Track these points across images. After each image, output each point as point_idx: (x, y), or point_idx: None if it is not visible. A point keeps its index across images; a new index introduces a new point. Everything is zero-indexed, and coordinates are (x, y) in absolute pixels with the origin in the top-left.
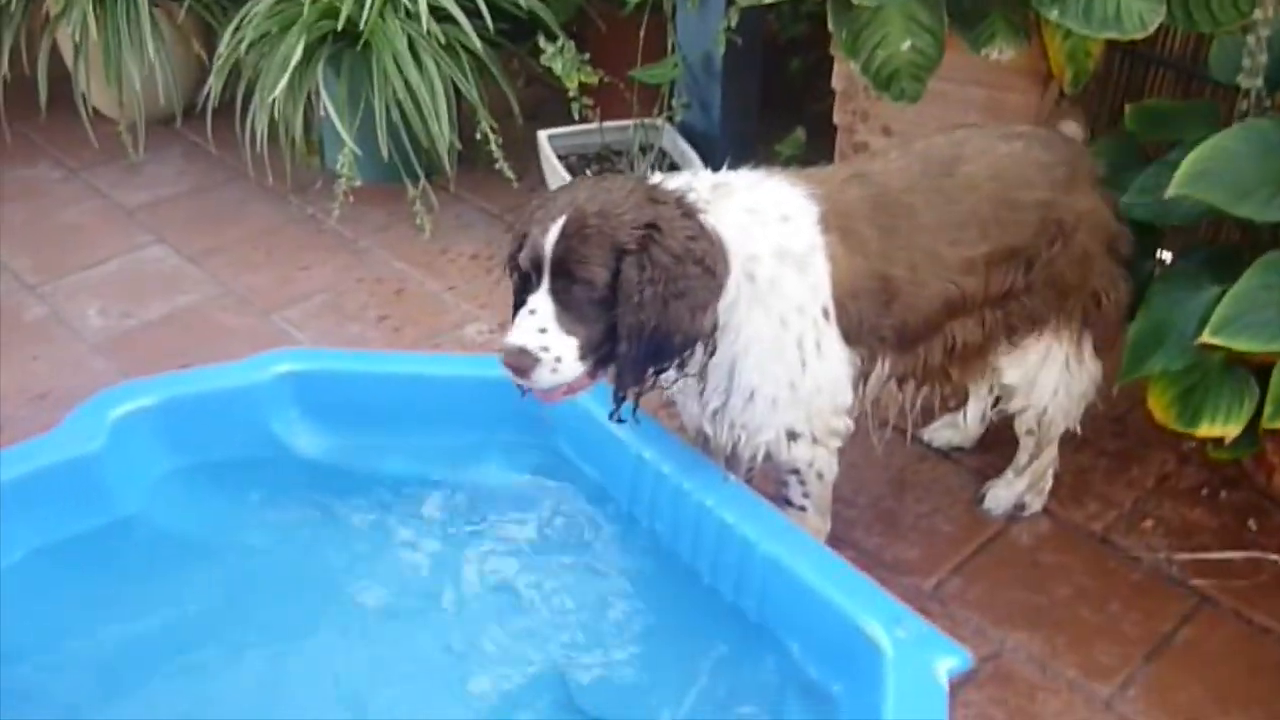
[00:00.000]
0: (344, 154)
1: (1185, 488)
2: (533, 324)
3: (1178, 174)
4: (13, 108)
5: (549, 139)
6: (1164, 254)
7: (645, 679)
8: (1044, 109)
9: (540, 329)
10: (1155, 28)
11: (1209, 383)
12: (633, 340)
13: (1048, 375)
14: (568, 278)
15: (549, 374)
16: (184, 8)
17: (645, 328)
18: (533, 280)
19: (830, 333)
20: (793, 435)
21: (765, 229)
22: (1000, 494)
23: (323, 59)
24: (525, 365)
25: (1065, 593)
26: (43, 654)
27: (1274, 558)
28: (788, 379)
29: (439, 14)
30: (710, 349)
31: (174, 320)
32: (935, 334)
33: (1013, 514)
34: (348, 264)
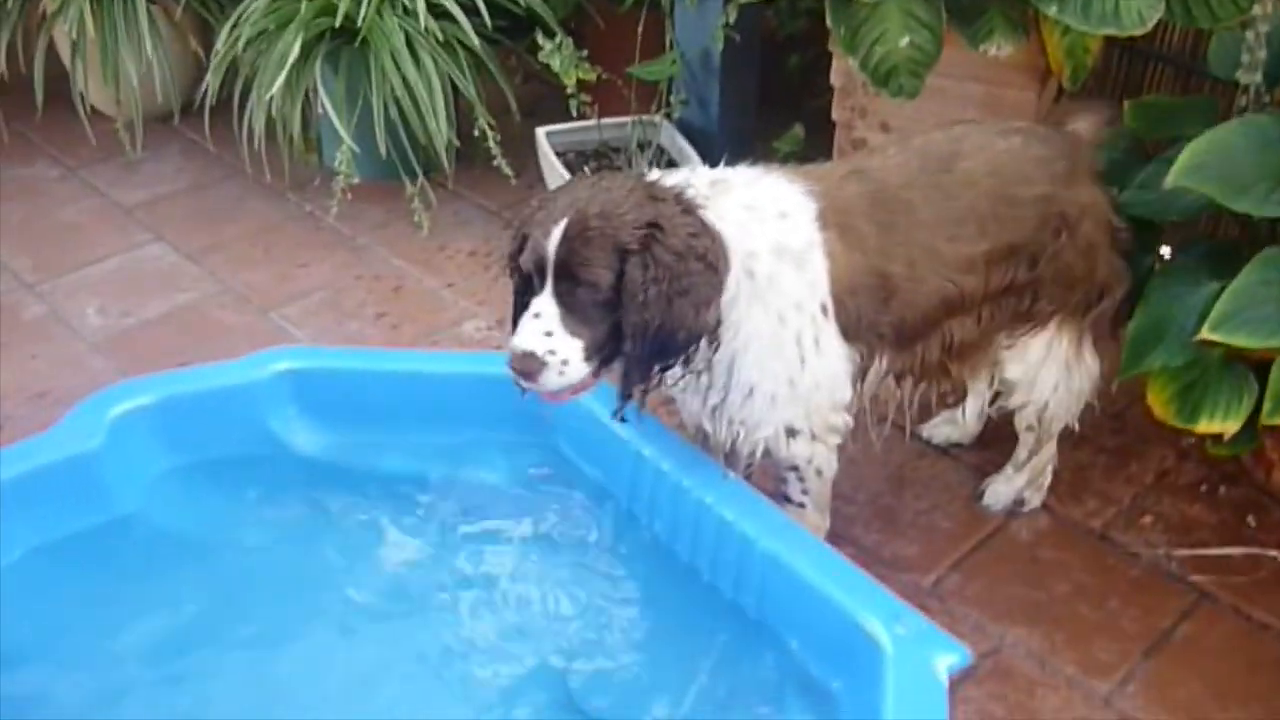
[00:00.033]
0: (342, 151)
1: (1184, 484)
2: (538, 328)
3: (1175, 165)
4: (9, 107)
5: (547, 136)
6: (1164, 250)
7: (644, 677)
8: (1043, 105)
9: (546, 332)
10: (1154, 24)
11: (1208, 379)
12: (638, 339)
13: (1049, 371)
14: (572, 280)
15: (556, 377)
16: (181, 5)
17: (650, 326)
18: (535, 283)
19: (829, 329)
20: (792, 432)
21: (763, 226)
22: (999, 490)
23: (320, 56)
24: (532, 369)
25: (1064, 589)
26: (41, 653)
27: (1273, 554)
28: (786, 375)
29: (436, 11)
30: (715, 344)
31: (172, 318)
32: (933, 331)
33: (1012, 510)
34: (346, 261)
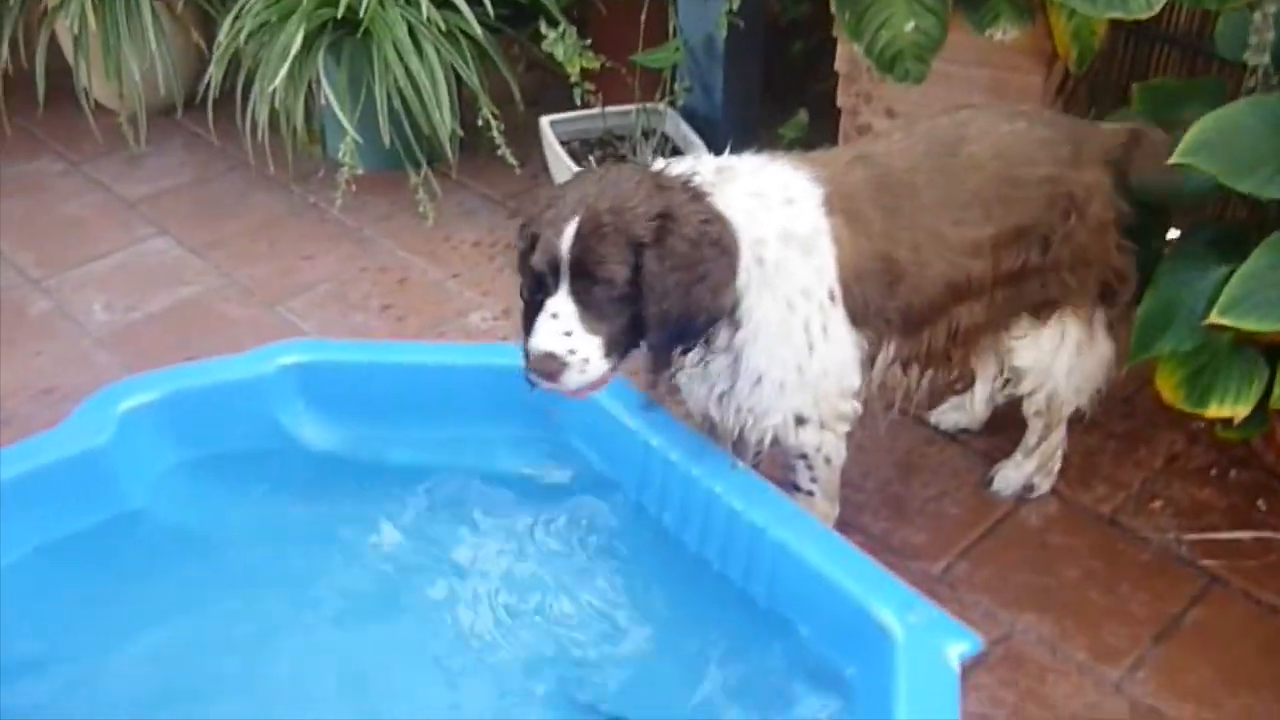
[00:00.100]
0: (346, 142)
1: (1194, 468)
2: (556, 328)
3: (1182, 143)
4: (12, 101)
5: (551, 125)
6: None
7: (654, 667)
8: (1049, 89)
9: (565, 332)
10: (1161, 6)
11: (1218, 363)
12: (659, 328)
13: (1061, 357)
14: (588, 278)
15: (578, 375)
16: None
17: (671, 315)
18: (549, 282)
19: (836, 315)
20: (800, 420)
21: (770, 212)
22: (1009, 476)
23: (323, 47)
24: (554, 370)
25: (1074, 574)
26: (47, 649)
27: None
28: (795, 363)
29: (439, 0)
30: (735, 324)
31: (178, 312)
32: (941, 317)
33: (1021, 496)
34: (351, 253)
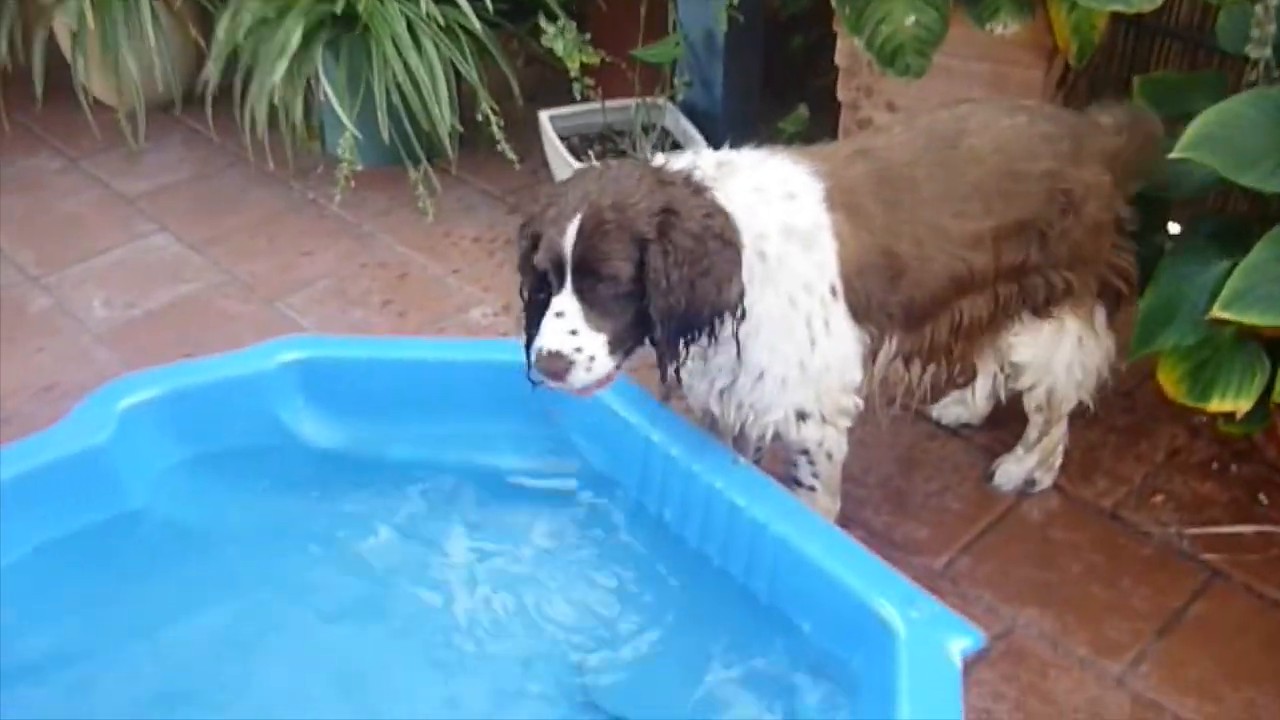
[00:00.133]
0: (345, 138)
1: (1195, 462)
2: (562, 326)
3: (1183, 137)
4: (10, 98)
5: (551, 120)
6: (1173, 227)
7: (655, 664)
8: (1049, 83)
9: (571, 330)
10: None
11: (1220, 358)
12: (666, 323)
13: (1061, 352)
14: (592, 276)
15: (584, 374)
16: None
17: (677, 310)
18: (553, 281)
19: (838, 310)
20: (802, 415)
21: (771, 207)
22: (1010, 470)
23: (321, 43)
24: (560, 369)
25: (1076, 569)
26: (47, 647)
27: None
28: (797, 358)
29: None
30: (740, 315)
31: (178, 309)
32: (943, 311)
33: (1023, 490)
34: (350, 249)
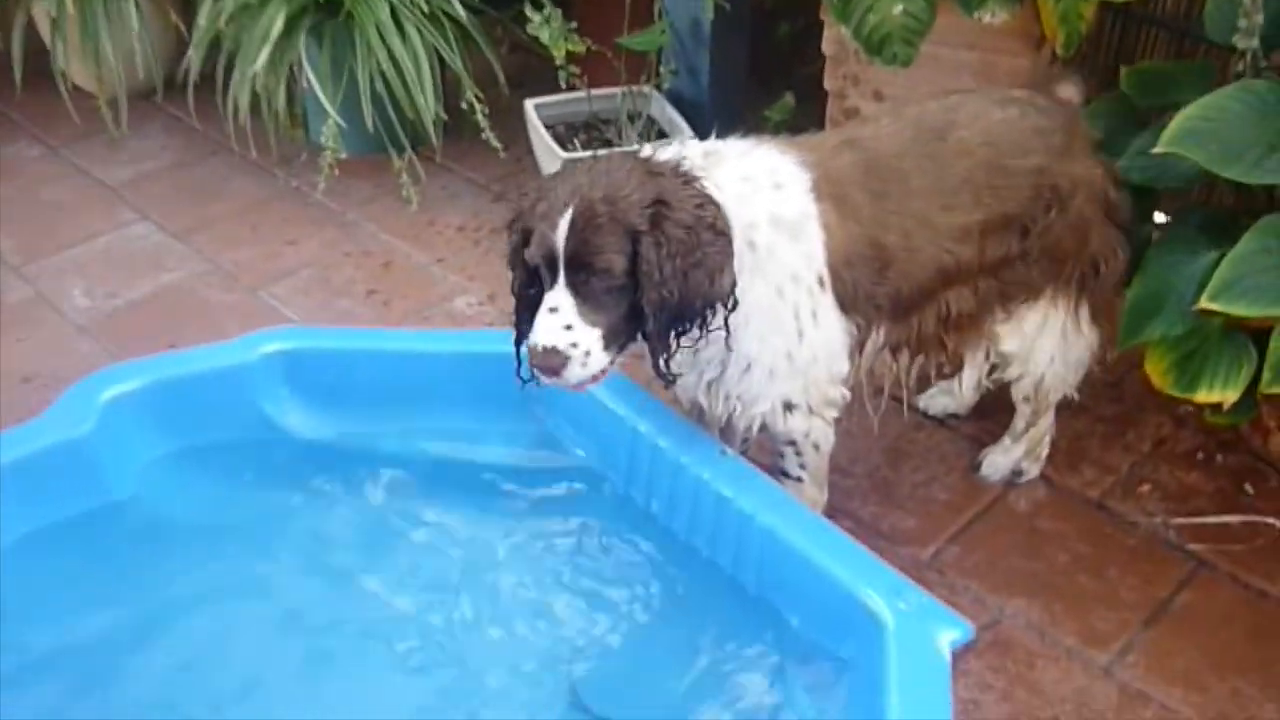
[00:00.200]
0: (328, 126)
1: (1181, 451)
2: (556, 322)
3: (1167, 131)
4: None
5: (536, 108)
6: (1162, 217)
7: (643, 656)
8: (1037, 72)
9: (565, 325)
10: None
11: (1207, 348)
12: (658, 315)
13: (1045, 343)
14: (585, 270)
15: (580, 369)
16: None
17: (669, 302)
18: (545, 276)
19: (826, 301)
20: (789, 406)
21: (759, 196)
22: (997, 461)
23: (304, 30)
24: (556, 365)
25: (1063, 559)
26: (30, 639)
27: (1271, 521)
28: (785, 349)
29: None
30: (732, 306)
31: (160, 299)
32: (929, 302)
33: (1009, 481)
34: (334, 238)
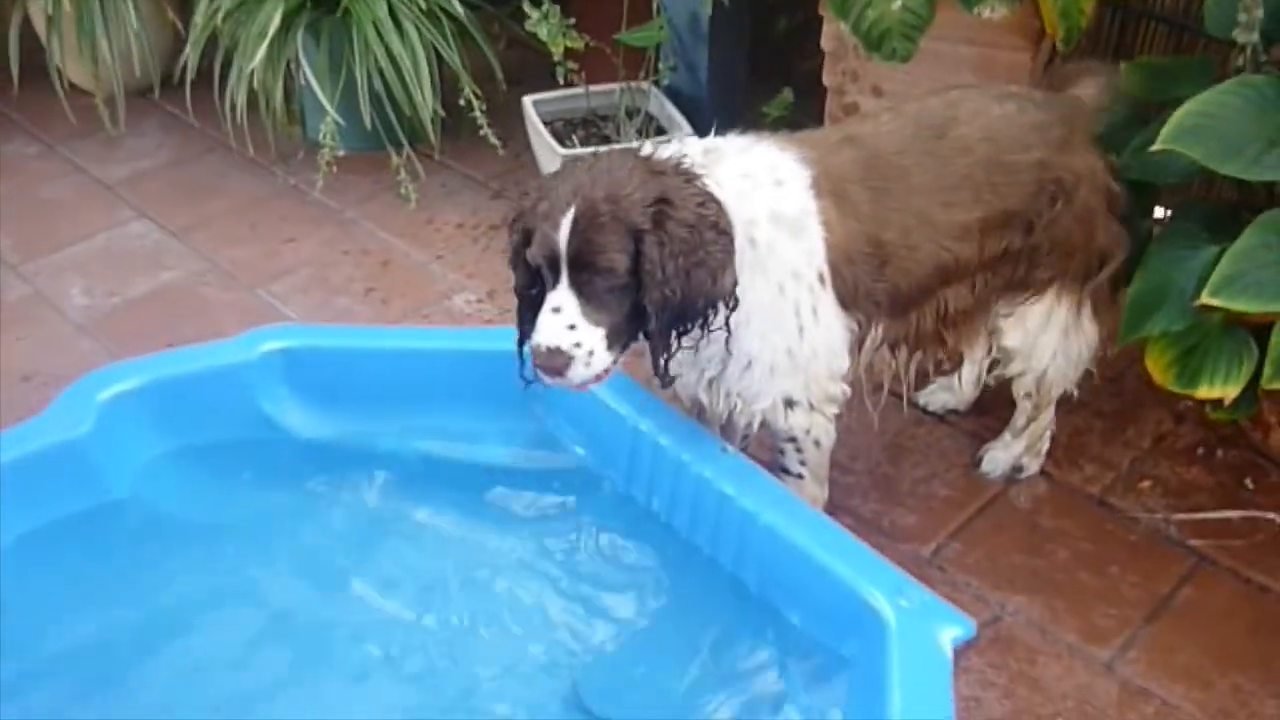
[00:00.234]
0: (326, 123)
1: (1182, 447)
2: (560, 322)
3: (1165, 129)
4: None
5: (534, 105)
6: (1162, 212)
7: (643, 656)
8: (1037, 67)
9: (569, 325)
10: None
11: (1208, 344)
12: (660, 314)
13: (1047, 339)
14: (588, 269)
15: (583, 369)
16: None
17: (672, 301)
18: (547, 276)
19: (826, 298)
20: (790, 403)
21: (759, 193)
22: (997, 456)
23: (301, 27)
24: (560, 365)
25: (1064, 555)
26: (30, 640)
27: (1271, 517)
28: (785, 346)
29: None
30: (733, 305)
31: (159, 297)
32: (929, 299)
33: (1010, 477)
34: (333, 236)
